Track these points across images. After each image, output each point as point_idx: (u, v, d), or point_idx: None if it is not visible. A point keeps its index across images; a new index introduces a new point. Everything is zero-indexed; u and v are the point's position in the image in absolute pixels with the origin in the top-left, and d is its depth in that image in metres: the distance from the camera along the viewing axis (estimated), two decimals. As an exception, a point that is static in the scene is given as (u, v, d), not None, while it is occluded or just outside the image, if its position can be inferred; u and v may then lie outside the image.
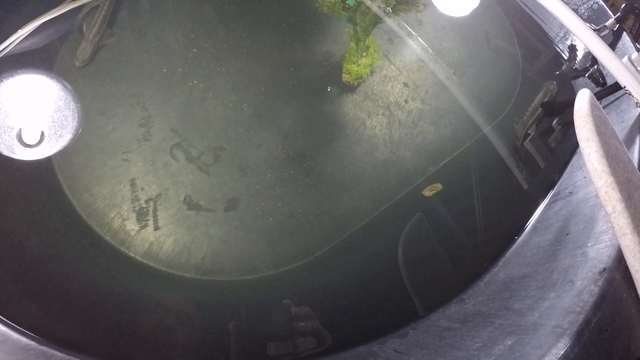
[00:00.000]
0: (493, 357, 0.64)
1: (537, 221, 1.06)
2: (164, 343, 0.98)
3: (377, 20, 1.35)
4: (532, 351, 0.62)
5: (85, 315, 0.95)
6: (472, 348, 0.70)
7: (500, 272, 0.93)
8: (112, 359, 0.86)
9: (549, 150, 1.36)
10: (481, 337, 0.71)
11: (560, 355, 0.60)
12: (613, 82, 1.27)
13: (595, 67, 1.43)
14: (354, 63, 1.26)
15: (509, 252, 0.98)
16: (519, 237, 1.02)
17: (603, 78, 1.42)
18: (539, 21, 1.52)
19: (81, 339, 0.87)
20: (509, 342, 0.67)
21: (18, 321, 0.87)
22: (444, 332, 0.79)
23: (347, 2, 1.26)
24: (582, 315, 0.64)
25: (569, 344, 0.61)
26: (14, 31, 1.30)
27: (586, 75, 1.44)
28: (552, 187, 1.19)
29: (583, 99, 0.94)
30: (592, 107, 0.85)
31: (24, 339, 0.82)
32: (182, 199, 1.17)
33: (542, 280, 0.78)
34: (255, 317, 1.03)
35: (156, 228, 1.15)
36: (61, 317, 0.93)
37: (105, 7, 1.31)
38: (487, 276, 0.93)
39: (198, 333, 1.04)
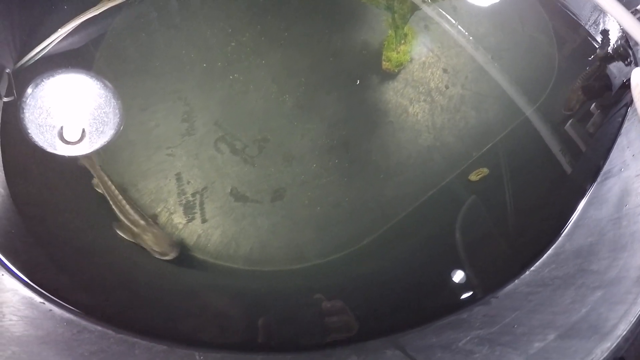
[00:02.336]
0: (589, 306, 0.69)
1: (592, 197, 1.07)
2: (221, 328, 1.01)
3: (414, 7, 1.34)
4: (624, 296, 0.67)
5: (156, 304, 0.98)
6: (564, 303, 0.75)
7: (566, 243, 0.95)
8: (188, 342, 0.89)
9: (589, 135, 1.35)
10: (569, 294, 0.75)
11: (650, 297, 0.69)
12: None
13: (630, 51, 1.40)
14: (393, 50, 1.26)
15: (569, 226, 1.00)
16: (575, 213, 1.04)
17: (637, 62, 1.39)
18: (570, 5, 1.50)
19: (153, 326, 0.91)
20: (599, 294, 0.72)
21: (90, 311, 0.91)
22: (529, 296, 0.83)
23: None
24: (659, 267, 0.71)
25: (655, 288, 0.69)
26: (54, 31, 1.34)
27: (619, 60, 1.42)
28: (601, 166, 1.18)
29: (638, 76, 0.96)
30: (646, 83, 0.86)
31: (99, 328, 0.86)
32: (229, 191, 1.18)
33: (611, 245, 0.81)
34: (288, 311, 1.05)
35: (203, 221, 1.16)
36: (133, 306, 0.97)
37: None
38: (553, 248, 0.96)
39: (250, 322, 1.06)
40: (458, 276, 1.05)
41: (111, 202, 1.08)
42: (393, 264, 1.08)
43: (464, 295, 0.99)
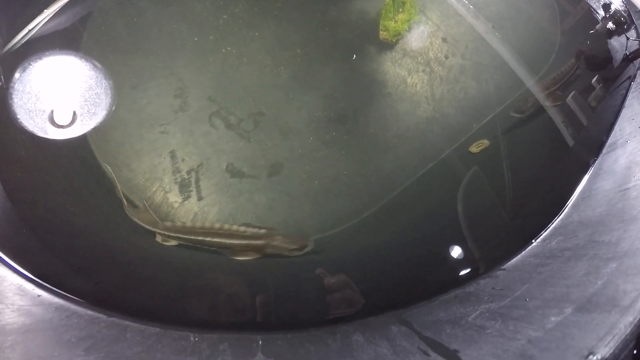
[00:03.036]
0: (605, 278, 0.65)
1: (597, 169, 1.04)
2: (218, 307, 0.98)
3: (412, -26, 1.31)
4: (642, 267, 0.63)
5: (149, 284, 0.95)
6: (577, 275, 0.71)
7: (573, 214, 0.92)
8: (183, 323, 0.87)
9: (591, 108, 1.32)
10: (581, 266, 0.72)
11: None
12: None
13: (632, 25, 1.37)
14: (391, 19, 1.22)
15: (575, 198, 0.98)
16: (580, 185, 1.01)
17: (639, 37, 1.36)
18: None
19: (147, 307, 0.88)
20: (613, 265, 0.68)
21: (80, 295, 0.87)
22: (538, 268, 0.79)
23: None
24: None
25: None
26: (39, 12, 1.29)
27: (621, 33, 1.38)
28: (605, 139, 1.15)
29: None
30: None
31: (89, 312, 0.83)
32: (225, 167, 1.16)
33: (621, 216, 0.78)
34: (287, 289, 1.02)
35: (200, 198, 1.14)
36: (126, 288, 0.94)
37: None
38: (560, 219, 0.93)
39: (249, 301, 1.04)
40: (461, 248, 1.03)
41: (207, 239, 1.00)
42: (394, 238, 1.06)
43: (469, 269, 0.96)
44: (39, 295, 0.87)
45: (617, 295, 0.66)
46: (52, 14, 1.27)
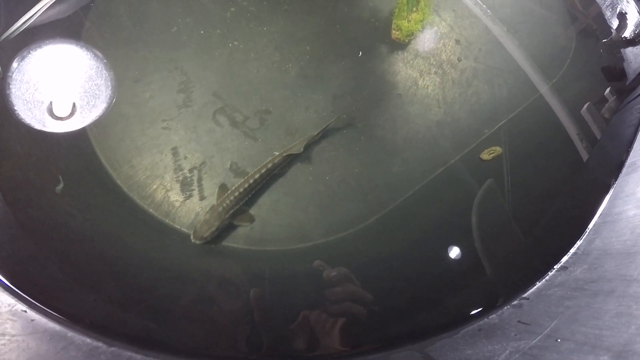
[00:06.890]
0: (639, 322, 0.59)
1: (619, 191, 1.00)
2: (227, 324, 0.94)
3: (428, -28, 1.27)
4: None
5: (149, 298, 0.91)
6: (608, 315, 0.66)
7: (596, 239, 0.87)
8: (191, 354, 0.81)
9: (604, 120, 1.28)
10: (612, 303, 0.67)
11: None
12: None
13: None
14: (404, 19, 1.18)
15: (595, 220, 0.93)
16: (600, 206, 0.97)
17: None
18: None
19: (153, 331, 0.82)
20: None
21: (77, 317, 0.81)
22: (564, 301, 0.74)
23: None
24: None
25: None
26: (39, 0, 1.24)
27: (636, 44, 1.34)
28: (624, 157, 1.10)
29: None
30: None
31: (88, 340, 0.75)
32: (228, 166, 1.12)
33: None
34: (283, 286, 0.98)
35: (202, 198, 1.11)
36: (124, 304, 0.89)
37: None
38: (581, 244, 0.88)
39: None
40: (478, 265, 0.98)
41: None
42: (404, 248, 1.03)
43: (487, 289, 0.90)
44: (32, 320, 0.79)
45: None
46: (53, 1, 1.22)
